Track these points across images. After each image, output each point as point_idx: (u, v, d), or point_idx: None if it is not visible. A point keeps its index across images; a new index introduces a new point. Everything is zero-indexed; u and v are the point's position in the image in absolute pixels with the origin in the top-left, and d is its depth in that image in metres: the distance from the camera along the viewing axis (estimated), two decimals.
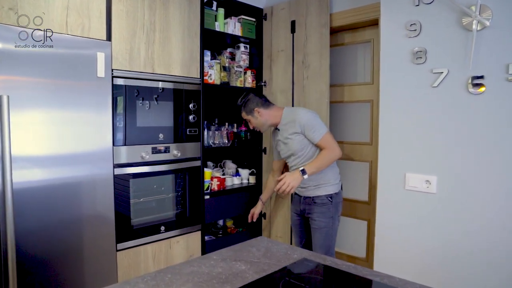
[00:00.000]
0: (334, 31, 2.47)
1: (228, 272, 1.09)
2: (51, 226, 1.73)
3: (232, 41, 2.80)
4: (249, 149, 2.90)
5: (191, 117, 2.34)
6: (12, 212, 1.57)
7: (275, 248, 1.29)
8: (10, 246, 1.58)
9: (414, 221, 1.89)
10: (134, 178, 2.12)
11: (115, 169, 1.95)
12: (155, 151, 2.18)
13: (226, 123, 2.82)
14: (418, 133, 1.87)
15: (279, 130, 2.22)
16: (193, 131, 2.36)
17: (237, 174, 2.83)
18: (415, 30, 1.84)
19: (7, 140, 1.54)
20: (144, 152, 2.12)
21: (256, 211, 2.54)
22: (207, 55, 2.55)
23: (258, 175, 2.85)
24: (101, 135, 1.88)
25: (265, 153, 2.82)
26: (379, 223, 2.03)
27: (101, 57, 1.85)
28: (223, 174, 2.78)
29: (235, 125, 2.86)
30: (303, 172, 2.01)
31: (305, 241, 2.27)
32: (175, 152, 2.26)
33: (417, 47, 1.85)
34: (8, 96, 1.55)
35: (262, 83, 2.79)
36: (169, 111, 2.26)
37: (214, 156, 2.97)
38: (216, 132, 2.69)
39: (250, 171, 2.88)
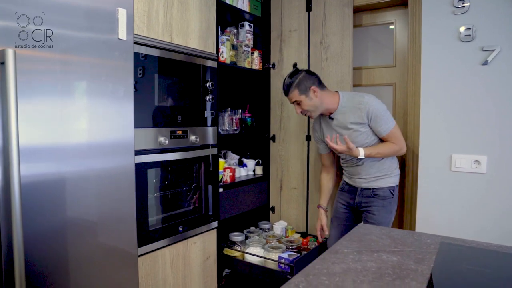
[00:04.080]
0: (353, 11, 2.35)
1: (386, 265, 0.87)
2: (61, 227, 1.31)
3: (236, 18, 2.53)
4: (256, 137, 2.65)
5: (208, 97, 2.03)
6: (20, 212, 1.14)
7: (395, 234, 1.11)
8: (17, 254, 1.15)
9: (461, 202, 1.85)
10: (151, 167, 1.76)
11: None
12: (173, 135, 1.83)
13: (228, 109, 2.53)
14: (465, 113, 1.83)
15: (332, 119, 1.92)
16: (210, 114, 2.05)
17: (244, 165, 2.57)
18: (463, 6, 1.80)
19: (14, 118, 1.11)
20: (163, 137, 1.77)
21: (323, 222, 2.12)
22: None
23: (266, 165, 2.62)
24: (121, 113, 1.48)
25: (273, 141, 2.60)
26: (421, 206, 1.96)
27: (122, 14, 1.47)
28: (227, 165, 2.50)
29: (239, 111, 2.59)
30: (361, 150, 1.79)
31: None
32: (193, 137, 1.93)
33: (465, 24, 1.80)
34: (14, 52, 1.12)
35: (270, 65, 2.57)
36: (186, 89, 1.92)
37: None
38: (225, 118, 2.40)
39: (256, 161, 2.63)
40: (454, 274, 0.84)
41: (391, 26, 2.43)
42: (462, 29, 1.80)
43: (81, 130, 1.33)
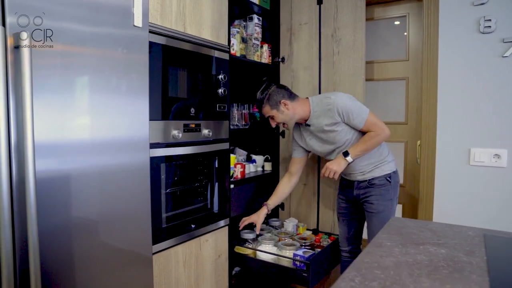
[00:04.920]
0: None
1: (437, 258, 0.82)
2: (75, 225, 1.24)
3: (244, 11, 2.47)
4: (264, 133, 2.59)
5: (220, 90, 1.97)
6: (35, 209, 1.07)
7: (433, 227, 1.06)
8: (32, 252, 1.08)
9: (481, 197, 1.81)
10: (164, 162, 1.69)
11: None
12: (187, 129, 1.77)
13: (235, 104, 2.46)
14: (484, 106, 1.80)
15: (309, 125, 1.94)
16: (222, 107, 1.99)
17: (253, 160, 2.51)
18: None
19: (29, 110, 1.03)
20: (176, 130, 1.70)
21: (259, 220, 2.09)
22: None
23: (275, 161, 2.56)
24: (135, 104, 1.41)
25: (283, 137, 2.55)
26: (438, 201, 1.93)
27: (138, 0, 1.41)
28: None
29: (246, 106, 2.53)
30: (346, 154, 1.82)
31: (354, 231, 2.05)
32: (205, 131, 1.87)
33: (484, 15, 1.77)
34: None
35: (280, 59, 2.52)
36: (198, 81, 1.86)
37: None
38: (233, 113, 2.34)
39: (265, 157, 2.58)
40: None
41: (396, 22, 2.40)
42: (482, 20, 1.77)
43: (94, 125, 1.26)
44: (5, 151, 1.01)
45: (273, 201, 2.16)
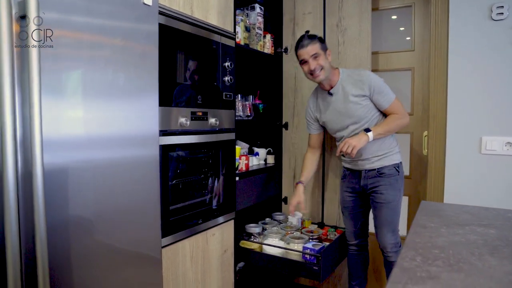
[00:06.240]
0: None
1: (491, 238, 0.78)
2: (83, 219, 1.15)
3: (246, 0, 2.40)
4: (267, 125, 2.53)
5: (227, 78, 1.89)
6: (43, 203, 0.98)
7: (469, 210, 1.02)
8: (40, 249, 0.99)
9: (493, 186, 1.80)
10: (172, 151, 1.61)
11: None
12: (194, 117, 1.69)
13: (239, 95, 2.39)
14: (496, 94, 1.79)
15: (331, 94, 1.90)
16: (228, 96, 1.92)
17: (255, 153, 2.44)
18: None
19: (37, 102, 0.94)
20: (184, 118, 1.62)
21: (301, 198, 2.01)
22: None
23: (278, 154, 2.50)
24: (144, 87, 1.33)
25: (286, 129, 2.49)
26: (448, 192, 1.91)
27: None
28: None
29: (250, 97, 2.46)
30: (367, 130, 1.78)
31: (361, 224, 2.01)
32: (212, 120, 1.79)
33: (497, 2, 1.76)
34: (37, 2, 0.96)
35: (282, 50, 2.46)
36: (205, 68, 1.78)
37: None
38: (237, 104, 2.26)
39: (267, 150, 2.51)
40: None
41: (393, 17, 2.38)
42: (494, 7, 1.76)
43: (100, 116, 1.17)
44: (11, 145, 0.92)
45: (305, 177, 2.09)
